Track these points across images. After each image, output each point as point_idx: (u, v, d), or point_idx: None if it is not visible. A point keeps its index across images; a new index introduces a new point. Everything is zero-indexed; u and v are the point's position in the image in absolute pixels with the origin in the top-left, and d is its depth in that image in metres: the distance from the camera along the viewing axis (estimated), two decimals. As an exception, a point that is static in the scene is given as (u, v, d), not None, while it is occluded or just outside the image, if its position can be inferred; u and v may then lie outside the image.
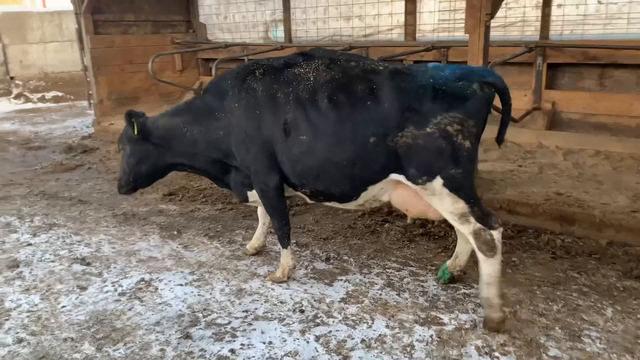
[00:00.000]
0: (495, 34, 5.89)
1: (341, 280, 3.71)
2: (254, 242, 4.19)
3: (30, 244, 4.43)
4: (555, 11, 6.26)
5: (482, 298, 3.08)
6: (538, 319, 3.14)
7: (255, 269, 3.91)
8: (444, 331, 3.04)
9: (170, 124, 3.76)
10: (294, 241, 4.32)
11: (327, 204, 3.53)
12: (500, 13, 5.56)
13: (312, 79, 3.28)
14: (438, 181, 2.98)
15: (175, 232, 4.63)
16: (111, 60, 8.96)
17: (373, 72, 3.20)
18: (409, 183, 3.11)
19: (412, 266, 3.88)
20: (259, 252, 4.19)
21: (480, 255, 3.03)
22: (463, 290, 3.48)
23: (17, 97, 12.88)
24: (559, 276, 3.63)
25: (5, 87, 12.76)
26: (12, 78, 12.83)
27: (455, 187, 2.99)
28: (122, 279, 3.78)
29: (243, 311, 3.32)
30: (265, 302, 3.44)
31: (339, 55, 3.43)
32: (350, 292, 3.52)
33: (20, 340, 3.03)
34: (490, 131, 3.25)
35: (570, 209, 4.33)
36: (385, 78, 3.12)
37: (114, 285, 3.68)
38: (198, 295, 3.54)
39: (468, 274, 3.62)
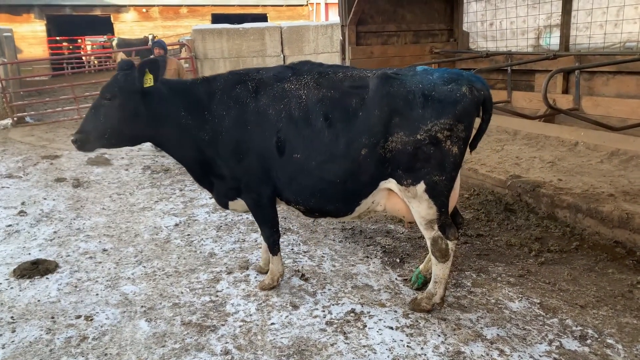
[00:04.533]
0: None
1: (600, 376, 2.70)
2: (265, 254, 3.96)
3: (263, 247, 4.61)
4: None
5: (427, 290, 3.33)
6: None
7: (481, 328, 3.18)
8: None
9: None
10: (538, 301, 3.43)
11: (322, 219, 3.55)
12: None
13: (303, 96, 3.22)
14: (421, 186, 3.05)
15: (398, 260, 4.21)
16: (369, 71, 9.11)
17: (361, 81, 3.16)
18: (395, 183, 3.13)
19: None
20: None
21: (433, 259, 3.22)
22: None
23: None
24: None
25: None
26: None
27: (435, 193, 3.06)
28: (333, 305, 3.53)
29: (456, 385, 2.68)
30: (486, 379, 2.71)
31: (326, 69, 3.35)
32: (612, 400, 2.52)
33: (226, 352, 3.03)
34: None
35: None
36: (374, 84, 3.08)
37: (323, 311, 3.46)
38: (407, 347, 3.02)
39: None
